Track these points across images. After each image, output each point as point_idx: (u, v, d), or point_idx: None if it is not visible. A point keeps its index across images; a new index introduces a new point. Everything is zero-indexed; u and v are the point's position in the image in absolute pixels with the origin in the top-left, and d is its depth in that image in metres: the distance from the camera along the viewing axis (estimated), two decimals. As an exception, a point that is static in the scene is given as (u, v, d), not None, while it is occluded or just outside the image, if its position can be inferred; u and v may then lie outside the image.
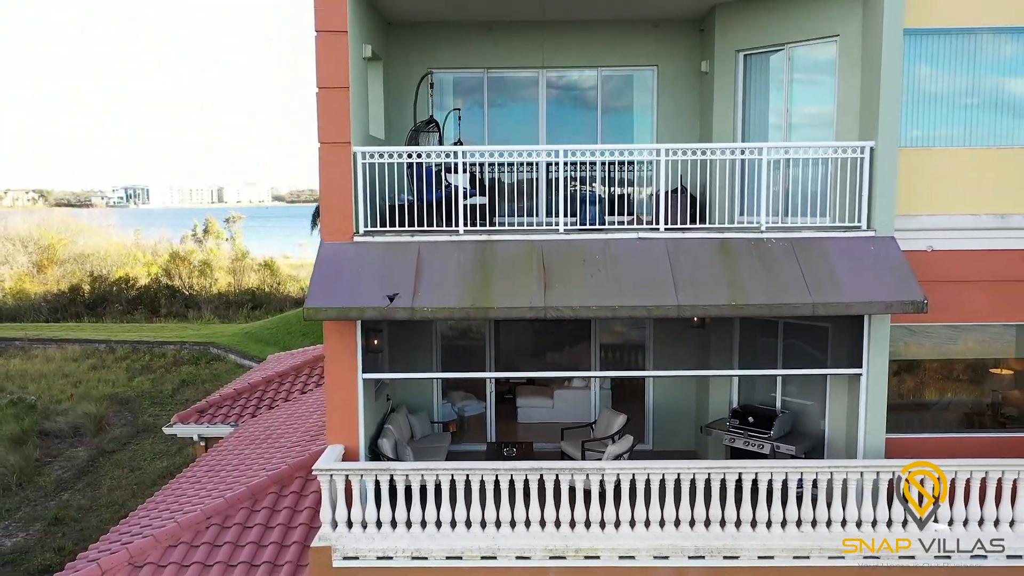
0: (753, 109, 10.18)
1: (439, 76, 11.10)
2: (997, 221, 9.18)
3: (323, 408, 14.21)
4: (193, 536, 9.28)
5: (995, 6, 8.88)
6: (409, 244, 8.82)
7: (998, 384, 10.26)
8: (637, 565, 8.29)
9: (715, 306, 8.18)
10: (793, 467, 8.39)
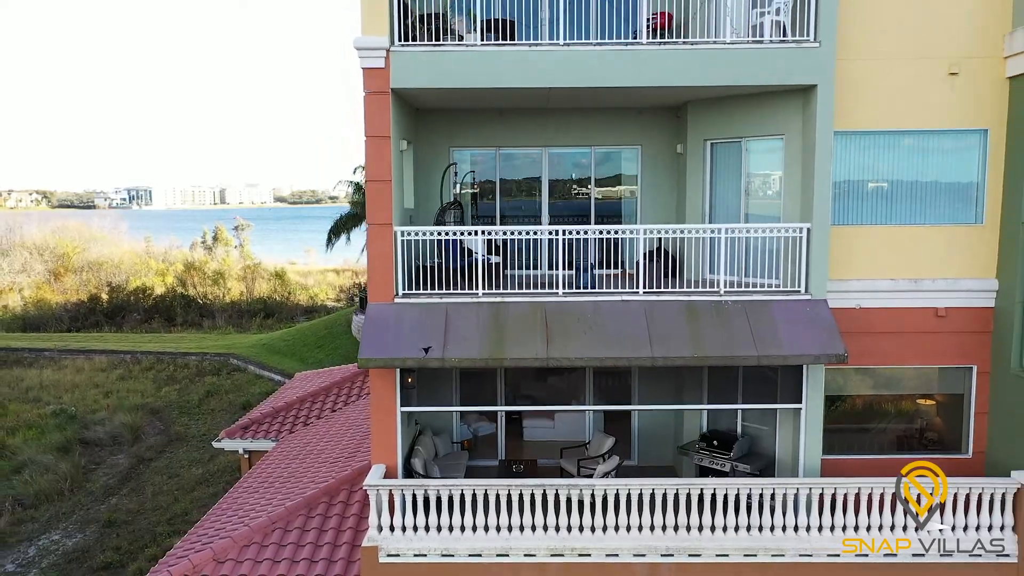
0: (718, 187, 12.39)
1: (459, 153, 13.30)
2: (911, 285, 11.38)
3: (354, 427, 16.48)
4: (263, 537, 11.47)
5: (902, 115, 11.09)
6: (439, 305, 11.03)
7: (923, 413, 12.46)
8: (620, 561, 10.49)
9: (680, 357, 10.39)
10: (743, 484, 10.58)
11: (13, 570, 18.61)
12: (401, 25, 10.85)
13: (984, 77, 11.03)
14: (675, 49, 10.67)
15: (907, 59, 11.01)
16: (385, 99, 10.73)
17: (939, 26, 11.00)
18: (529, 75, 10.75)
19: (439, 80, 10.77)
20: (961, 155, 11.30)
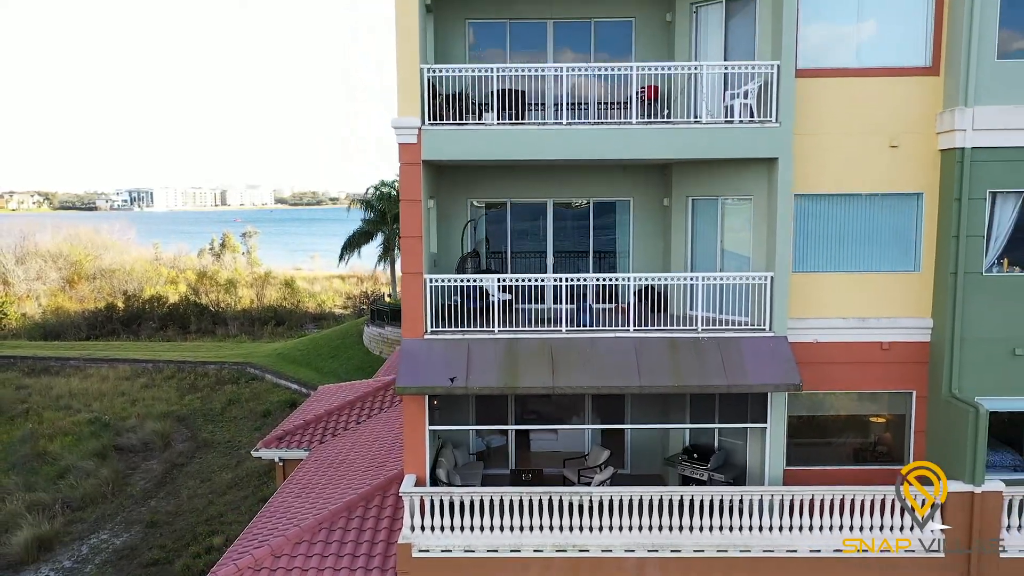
0: (699, 236, 14.47)
1: (478, 206, 15.38)
2: (860, 323, 13.46)
3: (380, 438, 18.57)
4: (311, 536, 13.54)
5: (852, 181, 13.18)
6: (462, 340, 13.11)
7: (875, 430, 14.54)
8: (613, 556, 12.56)
9: (663, 386, 12.48)
10: (717, 492, 12.66)
11: (71, 566, 20.69)
12: (430, 107, 12.95)
13: (920, 150, 13.12)
14: (660, 128, 12.76)
15: (856, 135, 13.09)
16: (417, 169, 12.83)
17: (883, 107, 13.07)
18: (537, 149, 12.84)
19: (463, 154, 12.88)
20: (901, 214, 13.38)
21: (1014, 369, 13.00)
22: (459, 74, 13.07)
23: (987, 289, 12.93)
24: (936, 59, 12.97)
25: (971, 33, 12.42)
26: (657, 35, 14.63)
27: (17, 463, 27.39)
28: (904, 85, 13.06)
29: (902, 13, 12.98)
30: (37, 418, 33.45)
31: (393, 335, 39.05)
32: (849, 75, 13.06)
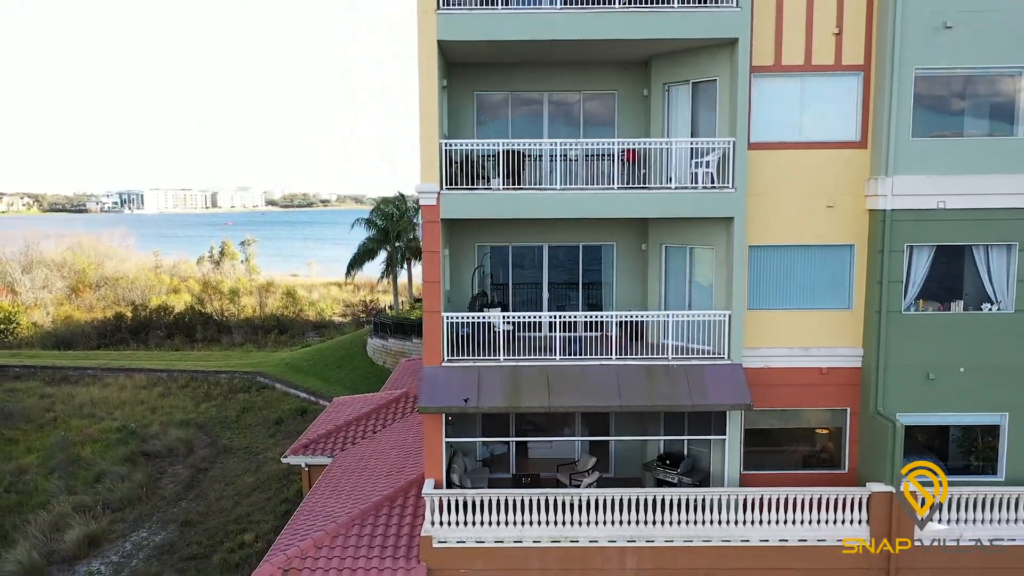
0: (670, 277, 17.20)
1: (483, 248, 18.02)
2: (803, 352, 16.22)
3: (396, 446, 21.18)
4: (347, 531, 16.17)
5: (796, 234, 15.93)
6: (473, 367, 15.78)
7: (818, 440, 17.29)
8: (598, 546, 15.24)
9: (639, 405, 15.19)
10: (684, 492, 15.36)
11: (118, 561, 23.23)
12: (447, 173, 15.62)
13: (852, 209, 15.89)
14: (637, 193, 15.49)
15: (799, 197, 15.84)
16: (437, 226, 15.51)
17: (821, 174, 15.82)
18: (535, 209, 15.56)
19: (474, 213, 15.58)
20: (836, 261, 16.14)
21: (928, 390, 15.78)
22: (470, 147, 15.76)
23: (906, 325, 15.70)
24: (864, 136, 15.74)
25: (891, 117, 15.19)
26: (636, 106, 17.35)
27: (55, 468, 29.86)
28: (839, 156, 15.82)
29: (837, 98, 15.74)
30: (65, 426, 35.89)
31: (396, 347, 41.67)
32: (793, 148, 15.82)
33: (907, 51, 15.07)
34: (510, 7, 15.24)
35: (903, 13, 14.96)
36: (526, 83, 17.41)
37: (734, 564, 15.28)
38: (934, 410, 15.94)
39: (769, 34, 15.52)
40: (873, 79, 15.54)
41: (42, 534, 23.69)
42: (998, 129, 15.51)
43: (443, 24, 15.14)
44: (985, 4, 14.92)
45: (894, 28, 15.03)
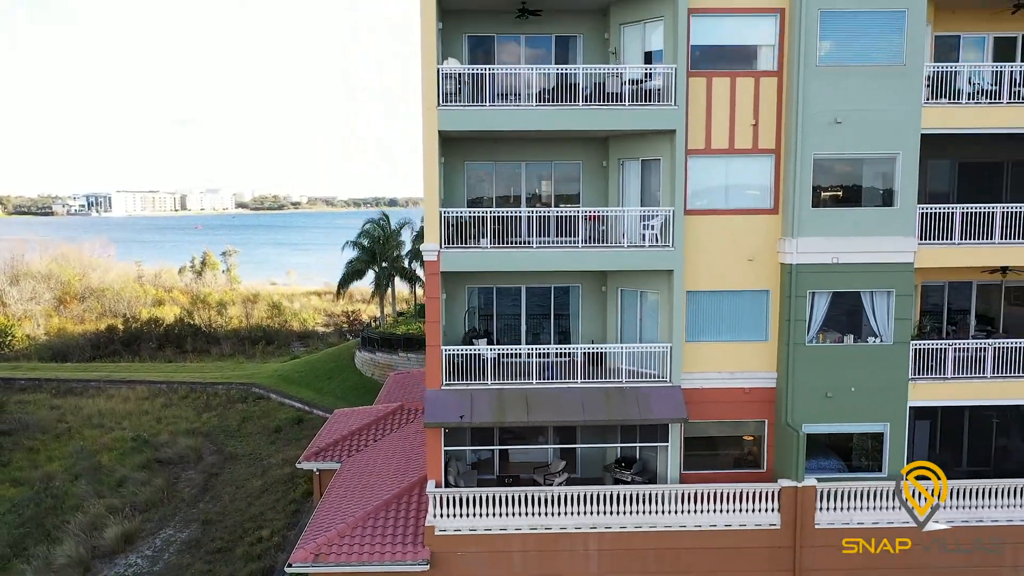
0: (625, 315, 21.17)
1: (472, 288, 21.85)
2: (730, 375, 20.30)
3: (398, 453, 24.94)
4: (364, 522, 19.91)
5: (723, 281, 20.00)
6: (466, 390, 19.64)
7: (744, 445, 21.38)
8: (567, 532, 19.16)
9: (599, 420, 19.17)
10: (635, 489, 19.34)
11: (152, 555, 26.69)
12: (445, 233, 19.45)
13: (768, 262, 19.99)
14: (597, 250, 19.46)
15: (726, 252, 19.90)
16: (437, 278, 19.35)
17: (743, 234, 19.89)
18: (517, 264, 19.47)
19: (467, 267, 19.45)
20: (756, 303, 20.23)
21: (826, 405, 19.92)
22: (464, 214, 19.63)
23: (809, 354, 19.85)
24: (776, 205, 19.86)
25: (795, 190, 19.32)
26: (597, 173, 21.32)
27: (81, 474, 33.10)
28: (756, 221, 19.92)
29: (754, 174, 19.84)
30: (80, 436, 39.02)
31: (383, 360, 45.31)
32: (721, 214, 19.89)
33: (807, 140, 19.23)
34: (496, 104, 19.13)
35: (804, 111, 19.11)
36: (507, 155, 21.31)
37: (674, 545, 19.30)
38: (831, 421, 20.11)
39: (701, 124, 19.58)
40: (782, 160, 19.68)
41: (83, 532, 27.03)
42: (878, 201, 19.71)
43: (443, 117, 18.99)
44: (866, 105, 19.10)
45: (797, 122, 19.18)
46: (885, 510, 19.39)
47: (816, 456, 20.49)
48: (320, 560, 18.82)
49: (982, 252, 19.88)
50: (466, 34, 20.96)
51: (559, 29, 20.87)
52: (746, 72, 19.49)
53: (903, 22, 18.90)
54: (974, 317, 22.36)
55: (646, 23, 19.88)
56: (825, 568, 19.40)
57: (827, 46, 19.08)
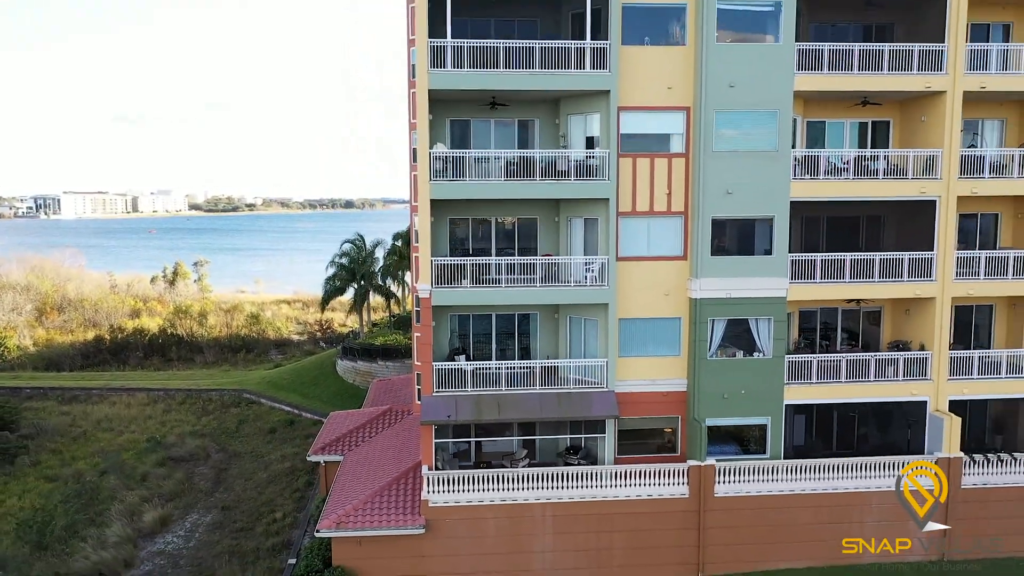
0: (573, 334, 27.40)
1: (454, 314, 27.85)
2: (651, 382, 26.69)
3: (391, 446, 30.87)
4: (374, 498, 25.80)
5: (647, 310, 26.36)
6: (451, 396, 25.70)
7: (664, 435, 27.81)
8: (528, 502, 25.32)
9: (553, 417, 25.42)
10: (580, 469, 25.60)
11: (184, 534, 32.12)
12: (437, 271, 25.46)
13: (680, 297, 26.41)
14: (551, 289, 25.68)
15: (648, 289, 26.26)
16: (429, 310, 25.36)
17: (661, 275, 26.26)
18: (489, 299, 25.62)
19: (451, 301, 25.51)
20: (672, 327, 26.62)
21: (723, 405, 26.40)
22: (450, 262, 25.68)
23: (710, 366, 26.31)
24: (685, 253, 26.28)
25: (698, 242, 25.77)
26: (551, 226, 27.51)
27: (108, 470, 38.21)
28: (671, 265, 26.33)
29: (669, 230, 26.22)
30: (95, 439, 43.94)
31: (364, 368, 50.95)
32: (645, 260, 26.23)
33: (707, 205, 25.69)
34: (474, 179, 25.21)
35: (704, 184, 25.56)
36: (481, 212, 27.38)
37: (610, 511, 25.60)
38: (727, 416, 26.60)
39: (628, 193, 25.91)
40: (689, 220, 26.12)
41: (125, 517, 32.34)
42: (760, 251, 26.23)
43: (434, 188, 25.02)
44: (749, 179, 25.60)
45: (699, 191, 25.62)
46: (767, 482, 25.97)
47: (718, 443, 26.96)
48: (341, 527, 24.71)
49: (837, 288, 26.61)
50: (449, 119, 27.04)
51: (521, 115, 27.09)
52: (662, 154, 25.91)
53: (775, 120, 25.50)
54: (840, 334, 29.15)
55: (587, 115, 26.18)
56: (721, 526, 25.89)
57: (721, 136, 25.56)
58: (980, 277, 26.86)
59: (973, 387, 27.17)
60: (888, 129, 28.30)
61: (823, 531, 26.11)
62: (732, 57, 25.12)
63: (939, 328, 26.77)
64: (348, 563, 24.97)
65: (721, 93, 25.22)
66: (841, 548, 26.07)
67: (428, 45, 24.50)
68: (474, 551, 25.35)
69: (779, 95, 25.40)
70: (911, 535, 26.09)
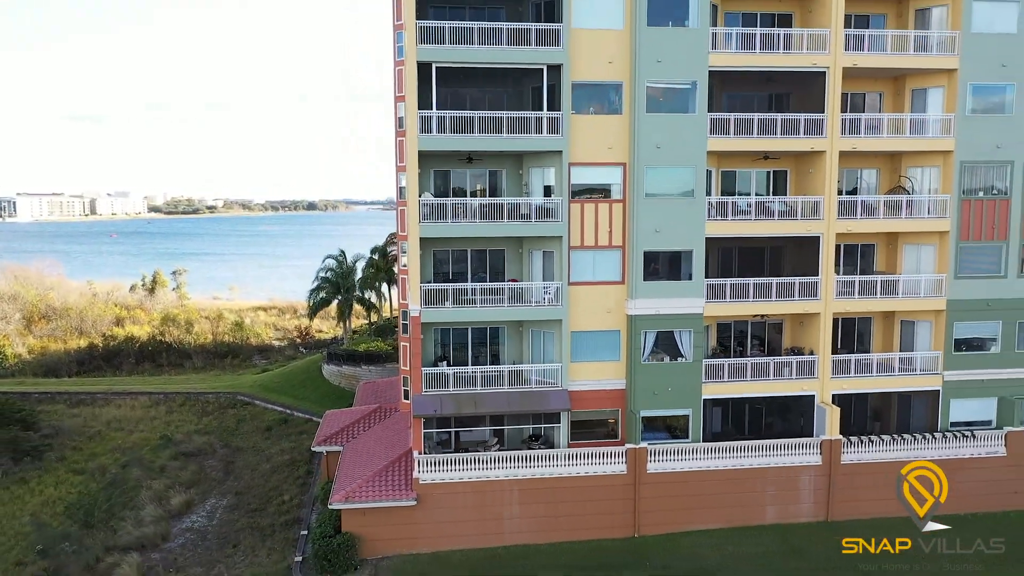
0: (535, 342, 33.87)
1: (437, 329, 34.10)
2: (597, 382, 33.23)
3: (383, 438, 37.13)
4: (375, 477, 31.92)
5: (592, 324, 32.93)
6: (436, 395, 31.96)
7: (608, 425, 34.40)
8: (499, 479, 31.68)
9: (519, 411, 31.88)
10: (540, 452, 32.05)
11: (206, 514, 37.84)
12: (425, 295, 31.72)
13: (620, 314, 32.97)
14: (517, 307, 32.10)
15: (594, 308, 32.78)
16: (419, 327, 31.62)
17: (605, 297, 32.79)
18: (467, 316, 31.95)
19: (436, 319, 31.80)
20: (612, 338, 33.17)
21: (654, 399, 33.06)
22: (435, 287, 31.96)
23: (644, 368, 32.96)
24: (624, 278, 32.88)
25: (633, 271, 32.39)
26: (516, 258, 33.93)
27: (129, 463, 43.66)
28: (612, 288, 32.91)
29: (610, 261, 32.75)
30: (110, 437, 49.21)
31: (349, 372, 56.83)
32: (591, 284, 32.75)
33: (639, 241, 32.30)
34: (454, 220, 31.49)
35: (637, 224, 32.16)
36: (459, 245, 33.68)
37: (564, 485, 32.06)
38: (658, 408, 33.26)
39: (578, 231, 32.40)
40: (626, 252, 32.73)
41: (156, 501, 37.98)
42: (682, 276, 32.87)
43: (423, 229, 31.28)
44: (673, 220, 32.24)
45: (634, 230, 32.22)
46: (689, 460, 32.66)
47: (651, 430, 33.61)
48: (350, 500, 30.86)
49: (743, 306, 33.47)
50: (432, 169, 33.33)
51: (492, 167, 33.50)
52: (604, 200, 32.47)
53: (693, 174, 32.24)
54: (751, 341, 36.04)
55: (544, 168, 32.67)
56: (653, 496, 32.50)
57: (650, 185, 32.18)
58: (855, 296, 33.95)
59: (850, 383, 34.27)
60: (786, 177, 35.28)
61: (733, 499, 32.89)
62: (658, 124, 31.79)
63: (823, 337, 33.79)
64: (355, 530, 31.07)
65: (650, 152, 31.88)
66: (746, 511, 32.86)
67: (418, 115, 30.77)
68: (455, 518, 31.62)
69: (695, 154, 32.14)
70: (800, 502, 33.03)
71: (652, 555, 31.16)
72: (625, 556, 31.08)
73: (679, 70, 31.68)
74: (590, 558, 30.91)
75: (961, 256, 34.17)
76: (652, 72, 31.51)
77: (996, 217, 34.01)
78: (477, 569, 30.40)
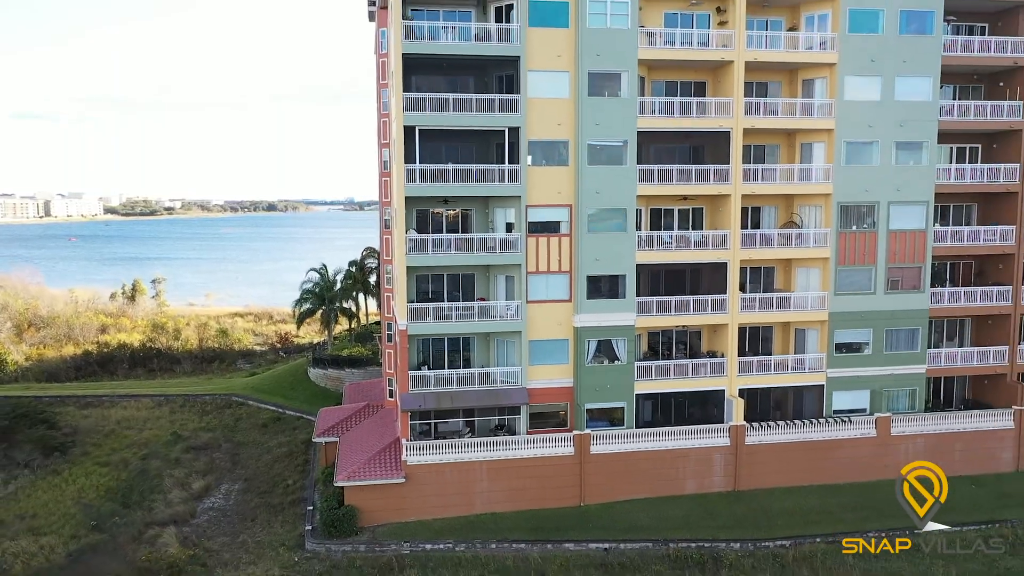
0: (499, 349, 41.59)
1: (419, 339, 41.64)
2: (549, 380, 41.10)
3: (374, 430, 44.72)
4: (371, 460, 39.31)
5: (546, 334, 40.78)
6: (420, 392, 39.48)
7: (558, 417, 42.26)
8: (474, 460, 39.30)
9: (487, 405, 39.65)
10: (508, 439, 39.78)
11: (223, 496, 44.79)
12: (410, 311, 39.20)
13: (568, 326, 40.85)
14: (485, 321, 39.77)
15: (548, 320, 40.54)
16: (405, 338, 39.12)
17: (558, 312, 40.74)
18: (445, 329, 39.55)
19: (419, 332, 39.34)
20: (562, 345, 40.87)
21: (596, 395, 40.97)
22: (418, 306, 39.48)
23: (588, 370, 40.86)
24: (571, 297, 40.75)
25: (578, 291, 40.27)
26: (484, 280, 41.55)
27: (149, 455, 50.29)
28: (563, 305, 40.75)
29: (560, 283, 40.57)
30: (124, 435, 55.64)
31: (334, 374, 63.89)
32: (545, 302, 40.56)
33: (582, 267, 40.19)
34: (433, 252, 39.03)
35: (581, 254, 40.05)
36: (437, 271, 41.21)
37: (523, 464, 39.76)
38: (599, 402, 41.19)
39: (534, 259, 40.16)
40: (573, 277, 40.58)
41: (180, 486, 44.83)
42: (618, 295, 40.82)
43: (408, 259, 38.80)
44: (610, 250, 40.20)
45: (579, 258, 40.10)
46: (625, 443, 40.64)
47: (594, 420, 41.51)
48: (351, 478, 38.30)
49: (667, 319, 41.62)
50: (415, 208, 40.84)
51: (463, 207, 41.13)
52: (555, 234, 40.30)
53: (625, 214, 40.25)
54: (677, 346, 44.20)
55: (506, 208, 40.40)
56: (595, 472, 40.39)
57: (591, 223, 40.10)
58: (756, 310, 42.31)
59: (754, 380, 42.65)
60: (702, 214, 43.54)
61: (660, 473, 40.95)
62: (597, 174, 39.74)
63: (731, 343, 42.08)
64: (355, 503, 38.42)
65: (591, 196, 39.80)
66: (670, 483, 40.96)
67: (404, 168, 38.28)
68: (437, 492, 39.15)
69: (627, 197, 40.16)
70: (714, 475, 41.26)
71: (595, 519, 39.05)
72: (574, 520, 38.96)
73: (614, 131, 39.66)
74: (546, 522, 38.66)
75: (839, 277, 42.77)
76: (592, 133, 39.43)
77: (867, 246, 42.67)
78: (456, 533, 37.97)
